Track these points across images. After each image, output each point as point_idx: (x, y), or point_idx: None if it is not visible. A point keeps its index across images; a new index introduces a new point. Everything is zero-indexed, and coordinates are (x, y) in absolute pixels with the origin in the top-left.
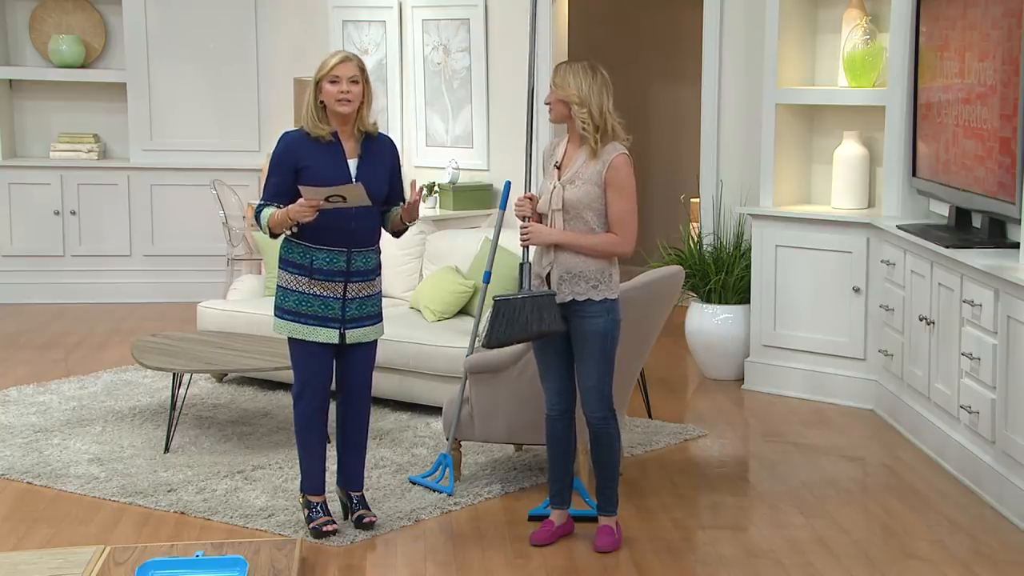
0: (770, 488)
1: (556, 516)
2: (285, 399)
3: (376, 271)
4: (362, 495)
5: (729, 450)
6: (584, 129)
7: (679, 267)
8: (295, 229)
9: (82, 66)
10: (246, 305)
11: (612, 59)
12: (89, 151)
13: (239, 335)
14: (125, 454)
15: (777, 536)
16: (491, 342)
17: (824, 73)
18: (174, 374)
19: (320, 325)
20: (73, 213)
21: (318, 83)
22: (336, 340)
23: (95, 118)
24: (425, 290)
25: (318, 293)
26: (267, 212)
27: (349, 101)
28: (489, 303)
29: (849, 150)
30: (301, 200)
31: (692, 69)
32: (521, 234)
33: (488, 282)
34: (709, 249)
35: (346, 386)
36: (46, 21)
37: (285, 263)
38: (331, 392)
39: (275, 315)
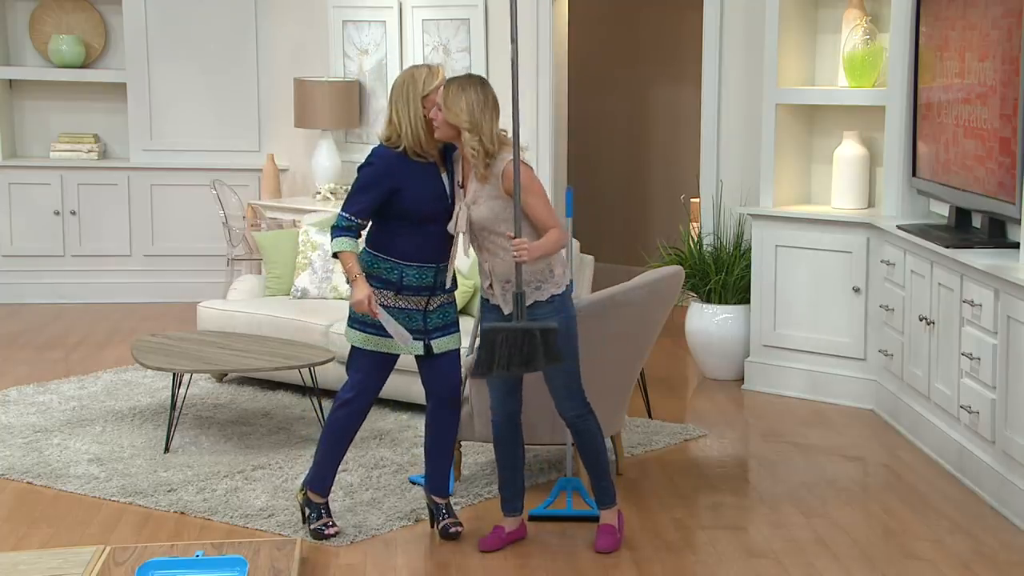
0: (770, 488)
1: (507, 523)
2: (285, 399)
3: (455, 282)
4: (448, 502)
5: (729, 450)
6: (474, 156)
7: (679, 267)
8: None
9: (82, 66)
10: (246, 305)
11: (612, 59)
12: (89, 151)
13: (239, 335)
14: (125, 454)
15: (777, 536)
16: (486, 373)
17: (824, 73)
18: (174, 374)
19: None
20: (73, 213)
21: (424, 98)
22: (422, 352)
23: (95, 118)
24: None
25: (403, 307)
26: (344, 245)
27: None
28: None
29: (849, 150)
30: (363, 299)
31: (692, 69)
32: (516, 251)
33: None
34: (709, 249)
35: (436, 393)
36: (46, 21)
37: (369, 278)
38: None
39: (352, 327)
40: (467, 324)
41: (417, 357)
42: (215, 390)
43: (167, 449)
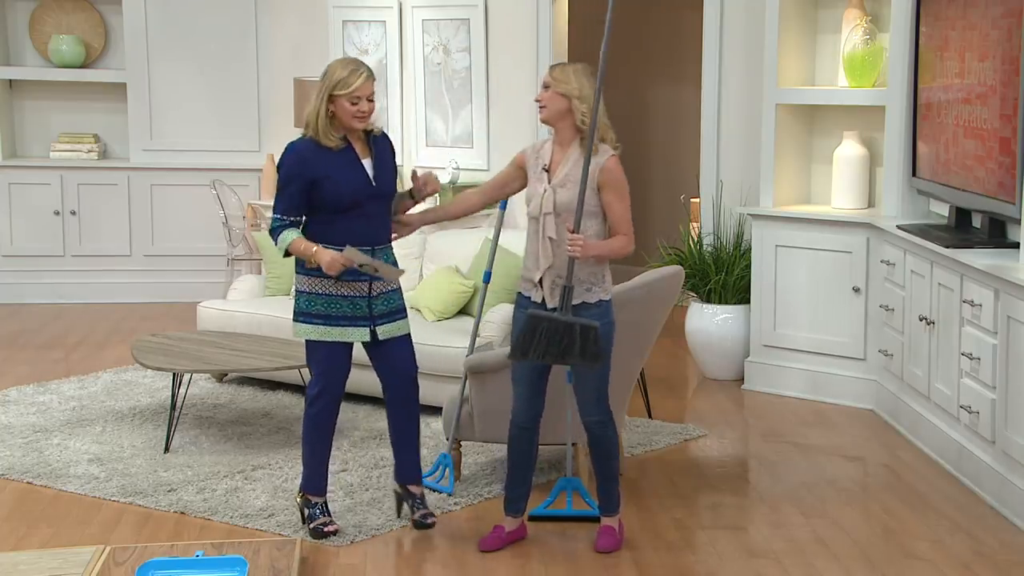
0: (770, 488)
1: (507, 522)
2: (285, 399)
3: (396, 266)
4: (422, 491)
5: (729, 450)
6: (583, 123)
7: (679, 267)
8: (311, 266)
9: (82, 66)
10: (246, 305)
11: (612, 59)
12: (89, 151)
13: (239, 335)
14: (125, 454)
15: (777, 536)
16: (521, 357)
17: (824, 73)
18: (174, 374)
19: (351, 325)
20: (73, 213)
21: (331, 96)
22: (368, 338)
23: (95, 118)
24: (425, 290)
25: (345, 294)
26: (289, 236)
27: (365, 118)
28: (489, 303)
29: (849, 150)
30: (337, 258)
31: (692, 69)
32: (571, 246)
33: (488, 282)
34: (709, 249)
35: (390, 381)
36: (46, 21)
37: (307, 268)
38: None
39: (298, 321)
40: (466, 324)
41: (366, 346)
42: (215, 390)
43: (167, 449)
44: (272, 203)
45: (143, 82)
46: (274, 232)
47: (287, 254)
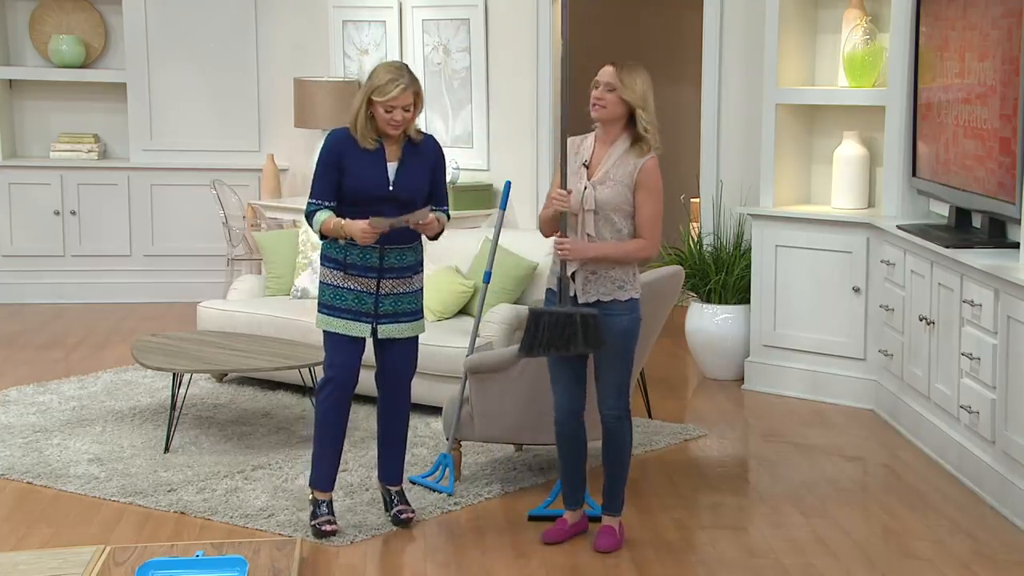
0: (770, 488)
1: (569, 515)
2: (285, 399)
3: (413, 268)
4: (400, 489)
5: (729, 450)
6: (647, 131)
7: (679, 267)
8: (345, 242)
9: (82, 66)
10: (246, 305)
11: (612, 59)
12: (89, 151)
13: (239, 335)
14: (125, 454)
15: (777, 536)
16: (528, 353)
17: (824, 73)
18: (174, 374)
19: (353, 319)
20: (73, 213)
21: (371, 98)
22: (368, 334)
23: (95, 118)
24: (425, 290)
25: (352, 287)
26: (321, 216)
27: (398, 127)
28: (489, 303)
29: (849, 150)
30: (365, 226)
31: (692, 69)
32: (558, 249)
33: (488, 282)
34: (709, 249)
35: (382, 381)
36: (46, 21)
37: (324, 258)
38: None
39: (317, 310)
40: (466, 324)
41: (373, 341)
42: (215, 390)
43: (167, 449)
44: (272, 203)
45: (143, 82)
46: (309, 216)
47: (323, 236)
